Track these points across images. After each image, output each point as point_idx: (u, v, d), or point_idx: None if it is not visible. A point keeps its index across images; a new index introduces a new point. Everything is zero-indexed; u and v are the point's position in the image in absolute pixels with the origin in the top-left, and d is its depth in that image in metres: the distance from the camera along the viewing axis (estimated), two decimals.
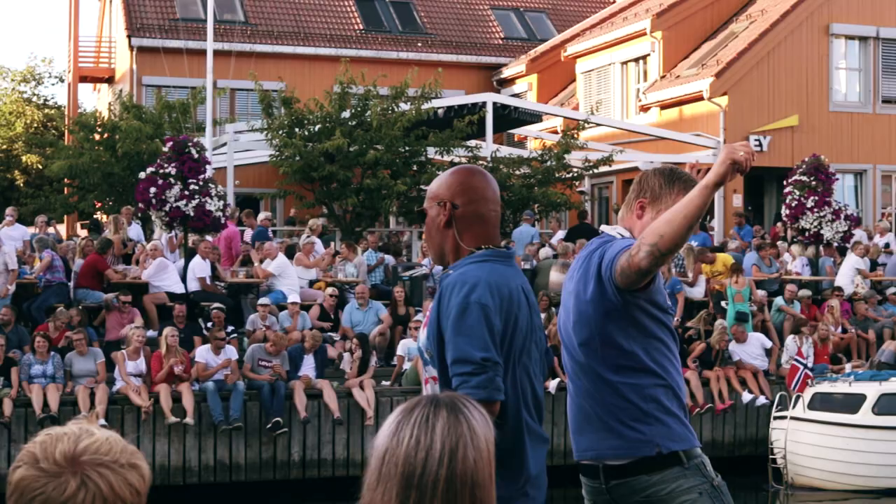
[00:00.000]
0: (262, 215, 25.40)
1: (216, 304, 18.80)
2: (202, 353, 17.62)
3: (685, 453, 4.46)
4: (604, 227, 4.68)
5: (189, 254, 20.47)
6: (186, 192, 19.86)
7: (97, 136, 30.30)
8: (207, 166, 20.58)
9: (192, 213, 19.90)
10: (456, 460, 2.29)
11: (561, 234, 26.75)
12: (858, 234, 25.92)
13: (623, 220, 4.71)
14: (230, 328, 18.75)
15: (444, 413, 2.34)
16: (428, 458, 2.29)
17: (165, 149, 20.67)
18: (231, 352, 17.73)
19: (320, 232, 23.44)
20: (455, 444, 2.30)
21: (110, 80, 40.98)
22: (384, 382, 18.58)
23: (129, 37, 35.77)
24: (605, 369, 4.46)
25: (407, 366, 18.48)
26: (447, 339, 4.10)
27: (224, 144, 27.06)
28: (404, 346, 18.94)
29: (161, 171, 20.04)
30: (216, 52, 26.57)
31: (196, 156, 20.22)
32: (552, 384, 18.22)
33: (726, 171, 4.12)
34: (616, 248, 4.32)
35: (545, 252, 23.48)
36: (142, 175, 20.40)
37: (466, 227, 4.28)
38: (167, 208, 19.88)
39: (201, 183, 20.03)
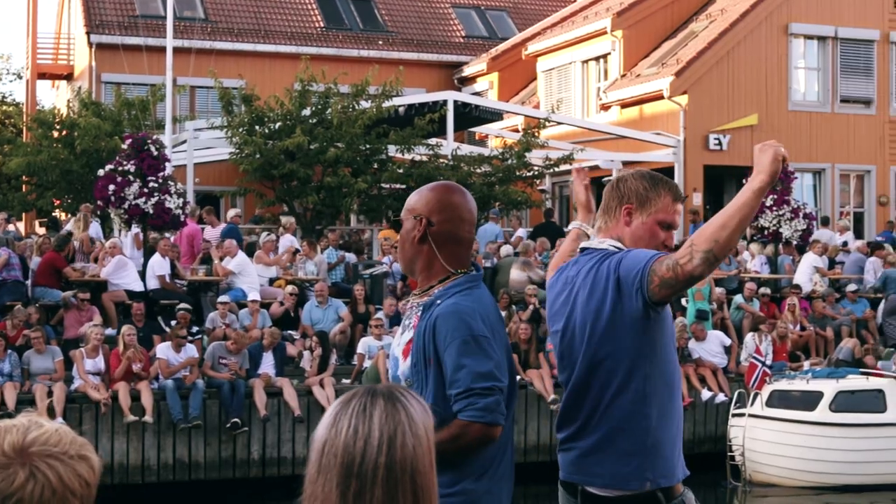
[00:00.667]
0: (231, 212, 25.30)
1: (182, 305, 18.70)
2: (163, 350, 17.55)
3: (673, 490, 4.35)
4: (588, 243, 4.51)
5: (148, 251, 20.36)
6: (146, 190, 19.75)
7: (56, 134, 30.13)
8: (167, 164, 20.49)
9: (151, 211, 19.80)
10: (395, 447, 2.29)
11: (522, 231, 26.80)
12: (826, 233, 26.08)
13: (608, 230, 4.50)
14: (194, 329, 18.68)
15: (382, 402, 2.34)
16: (367, 447, 2.29)
17: (124, 146, 20.56)
18: (192, 350, 17.66)
19: (293, 230, 23.40)
20: (393, 431, 2.30)
21: (69, 77, 40.72)
22: (344, 380, 18.55)
23: (88, 33, 35.56)
24: (611, 393, 4.28)
25: (367, 364, 18.46)
26: (453, 364, 3.99)
27: (184, 142, 26.95)
28: (364, 344, 18.92)
29: (120, 168, 19.92)
30: (176, 50, 26.43)
31: (155, 153, 20.11)
32: None
33: (777, 169, 4.05)
34: (640, 260, 4.16)
35: (506, 250, 23.51)
36: (101, 172, 20.28)
37: (440, 245, 4.20)
38: (126, 206, 19.76)
39: (161, 180, 19.93)
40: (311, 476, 2.34)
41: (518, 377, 18.26)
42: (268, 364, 18.03)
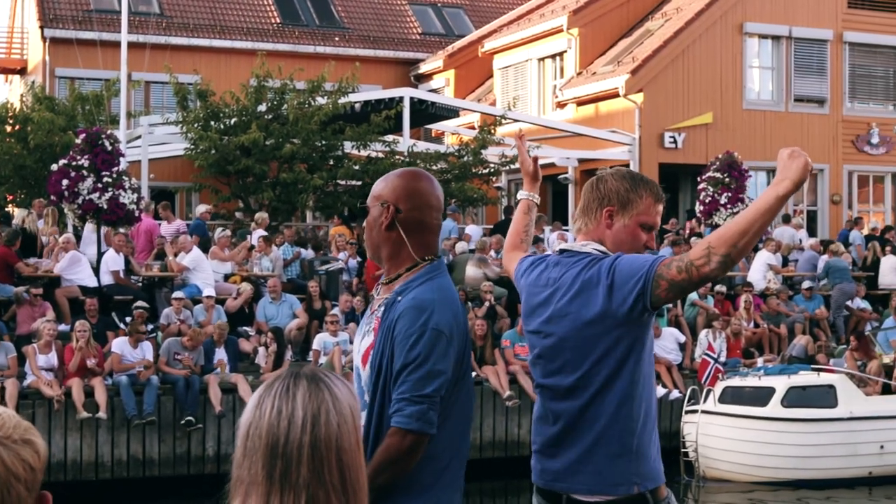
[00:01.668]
0: (201, 208, 25.16)
1: (139, 303, 18.57)
2: (119, 345, 17.44)
3: (659, 492, 4.30)
4: (570, 245, 4.42)
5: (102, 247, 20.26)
6: (99, 185, 19.63)
7: (9, 128, 29.84)
8: (121, 159, 20.37)
9: (105, 206, 19.68)
10: (319, 425, 2.30)
11: (476, 228, 26.81)
12: (788, 230, 26.25)
13: (588, 233, 4.43)
14: (149, 325, 18.58)
15: (305, 383, 2.35)
16: (291, 426, 2.29)
17: (78, 141, 20.42)
18: (147, 348, 17.56)
19: (266, 225, 23.32)
20: (317, 409, 2.31)
21: (22, 72, 40.35)
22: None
23: (41, 28, 35.28)
24: (598, 396, 4.23)
25: (323, 360, 18.42)
26: (396, 367, 3.95)
27: (138, 137, 26.79)
28: (320, 341, 18.89)
29: (74, 163, 19.80)
30: (131, 45, 26.28)
31: (109, 148, 19.99)
32: None
33: (805, 178, 3.94)
34: (639, 266, 4.09)
35: (461, 246, 23.53)
36: (54, 167, 20.14)
37: (408, 232, 4.15)
38: (80, 201, 19.64)
39: (115, 175, 19.82)
40: (237, 460, 2.34)
41: (474, 373, 18.38)
42: (221, 360, 17.98)
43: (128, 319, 18.45)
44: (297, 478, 2.28)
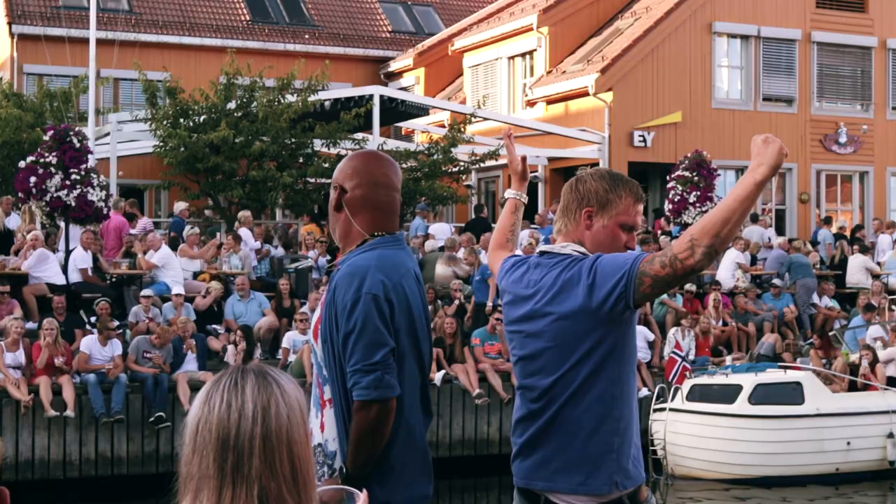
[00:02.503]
0: (179, 205, 25.07)
1: (102, 298, 18.49)
2: (87, 343, 17.37)
3: (639, 493, 4.28)
4: (550, 247, 4.38)
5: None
6: (68, 182, 19.54)
7: None
8: (89, 156, 20.27)
9: (73, 204, 19.59)
10: (269, 417, 2.31)
11: (445, 226, 26.80)
12: (757, 229, 26.37)
13: (568, 234, 4.39)
14: (116, 322, 18.50)
15: (252, 377, 2.36)
16: (241, 419, 2.30)
17: (46, 137, 20.31)
18: (117, 346, 17.49)
19: (250, 224, 23.24)
20: (266, 402, 2.32)
21: None
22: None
23: (9, 24, 35.04)
24: (578, 396, 4.19)
25: (292, 358, 18.40)
26: (341, 338, 4.01)
27: (107, 134, 26.67)
28: (289, 339, 18.87)
29: (42, 160, 19.70)
30: (99, 41, 26.14)
31: (77, 145, 19.90)
32: (437, 376, 18.27)
33: (780, 162, 3.97)
34: (620, 265, 4.07)
35: (431, 244, 23.54)
36: (22, 164, 20.03)
37: (355, 211, 4.22)
38: (48, 198, 19.55)
39: (83, 173, 19.73)
40: (186, 457, 2.35)
41: (443, 371, 18.41)
42: (190, 358, 17.92)
43: (93, 319, 18.36)
44: (250, 470, 2.29)
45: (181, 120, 25.06)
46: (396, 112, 28.96)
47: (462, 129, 27.46)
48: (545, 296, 4.23)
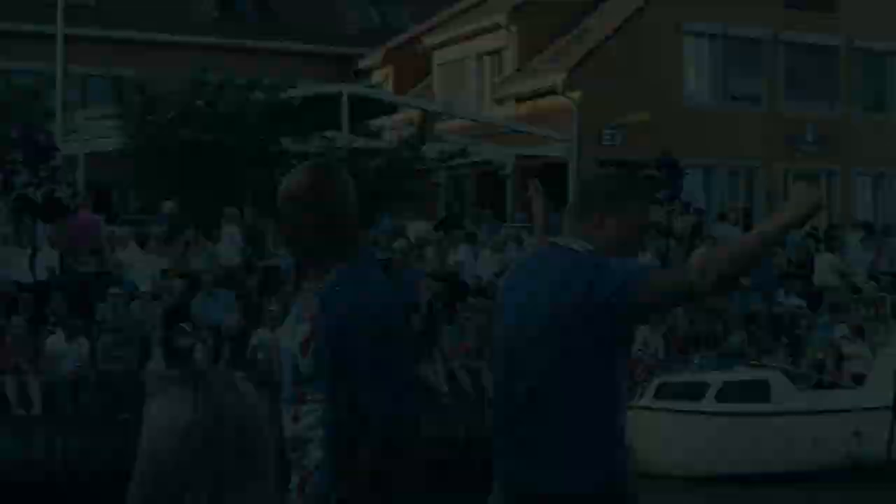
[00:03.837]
0: (168, 204, 24.84)
1: (55, 294, 18.38)
2: (55, 341, 17.28)
3: (626, 487, 4.30)
4: (556, 239, 4.39)
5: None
6: (35, 180, 19.43)
7: None
8: (56, 153, 20.17)
9: (40, 201, 19.49)
10: (242, 413, 2.30)
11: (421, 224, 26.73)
12: (724, 227, 26.46)
13: (577, 234, 4.34)
14: (83, 320, 18.41)
15: (218, 378, 2.37)
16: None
17: (12, 134, 20.19)
18: (83, 344, 17.41)
19: (238, 220, 23.12)
20: (233, 399, 2.31)
21: None
22: (238, 373, 18.40)
23: None
24: (568, 394, 4.18)
25: (260, 356, 18.34)
26: (363, 362, 3.93)
27: (74, 131, 26.52)
28: (258, 337, 18.80)
29: (8, 157, 19.59)
30: (67, 37, 26.00)
31: (44, 142, 19.79)
32: None
33: (810, 215, 3.91)
34: (629, 273, 4.08)
35: (399, 244, 23.46)
36: None
37: (320, 230, 4.21)
38: (14, 195, 19.44)
39: (50, 170, 19.62)
40: (178, 464, 2.32)
41: None
42: (158, 355, 17.86)
43: (62, 315, 18.26)
44: (254, 465, 2.28)
45: (149, 117, 24.94)
46: (365, 110, 28.92)
47: (430, 127, 27.43)
48: (540, 287, 4.23)
